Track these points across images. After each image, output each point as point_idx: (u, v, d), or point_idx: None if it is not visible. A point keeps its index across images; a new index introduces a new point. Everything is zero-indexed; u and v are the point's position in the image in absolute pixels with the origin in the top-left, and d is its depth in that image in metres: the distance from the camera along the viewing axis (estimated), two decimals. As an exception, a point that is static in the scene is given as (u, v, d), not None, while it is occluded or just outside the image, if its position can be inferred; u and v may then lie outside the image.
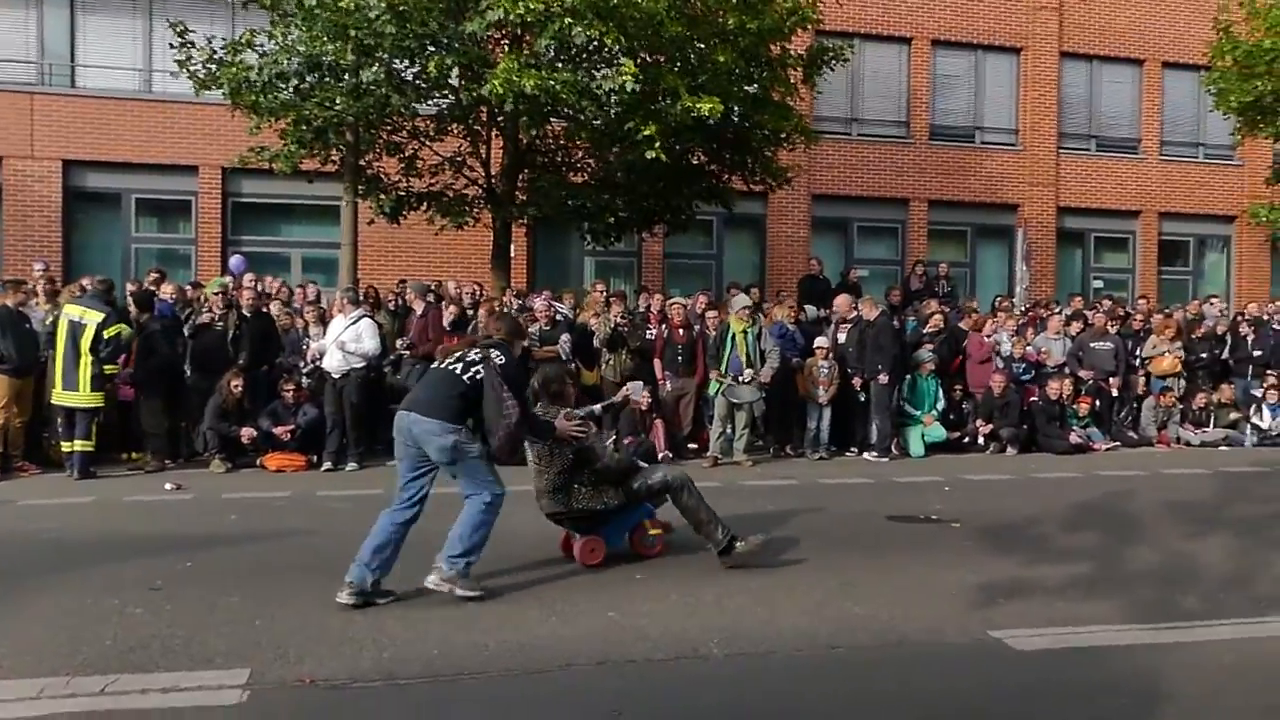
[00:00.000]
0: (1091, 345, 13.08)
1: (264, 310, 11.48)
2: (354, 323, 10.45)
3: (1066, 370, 12.85)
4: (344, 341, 10.33)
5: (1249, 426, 13.24)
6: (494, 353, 5.75)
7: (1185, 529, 7.80)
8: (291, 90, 11.97)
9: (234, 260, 14.34)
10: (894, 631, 5.14)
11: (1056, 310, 14.37)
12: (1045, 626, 5.20)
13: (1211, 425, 13.22)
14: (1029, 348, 12.79)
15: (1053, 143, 20.45)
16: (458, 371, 5.70)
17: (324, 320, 11.46)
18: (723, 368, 10.92)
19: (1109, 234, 21.27)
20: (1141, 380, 13.35)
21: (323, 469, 10.24)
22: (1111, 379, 13.00)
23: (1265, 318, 15.03)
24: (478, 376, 5.62)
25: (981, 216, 20.35)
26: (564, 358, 11.55)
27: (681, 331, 11.58)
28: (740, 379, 10.85)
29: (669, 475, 6.52)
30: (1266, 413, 13.39)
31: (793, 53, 13.74)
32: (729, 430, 11.07)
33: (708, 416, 11.46)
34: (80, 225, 16.91)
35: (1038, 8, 20.27)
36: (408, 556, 5.63)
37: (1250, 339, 14.43)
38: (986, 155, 20.24)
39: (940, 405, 12.06)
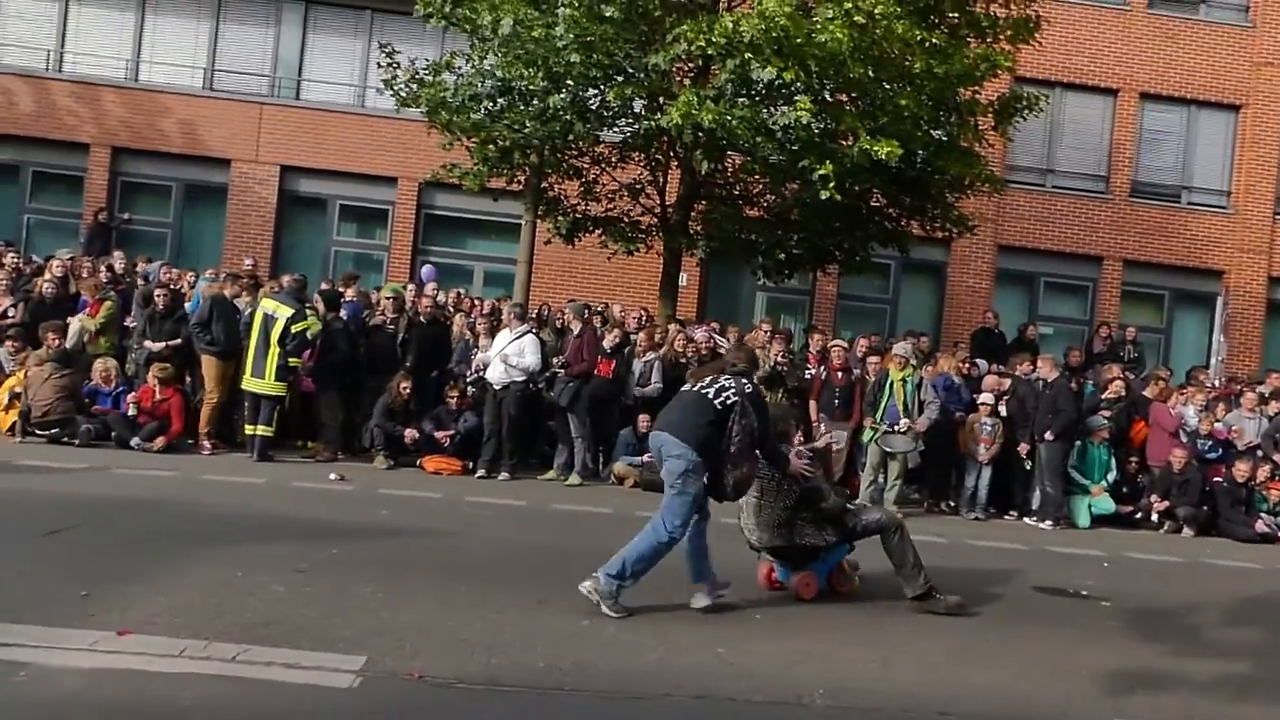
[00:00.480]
0: (1290, 429, 12.08)
1: (440, 319, 12.07)
2: (518, 337, 10.83)
3: (1260, 452, 11.89)
4: (507, 355, 10.73)
5: None
6: (743, 381, 6.06)
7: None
8: (484, 112, 12.58)
9: (425, 269, 15.16)
10: (1011, 705, 4.92)
11: (1254, 386, 13.32)
12: (1180, 721, 4.86)
13: None
14: (1218, 424, 11.92)
15: (1270, 207, 19.04)
16: (709, 396, 5.95)
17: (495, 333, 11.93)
18: (879, 415, 10.70)
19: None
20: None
21: (476, 475, 10.63)
22: (1310, 466, 11.93)
23: None
24: (728, 401, 5.88)
25: (1181, 281, 19.14)
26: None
27: (840, 374, 11.43)
28: (896, 428, 10.60)
29: (884, 517, 6.80)
30: None
31: (983, 99, 13.38)
32: (880, 479, 10.82)
33: (860, 464, 11.24)
34: (290, 225, 18.26)
35: (1261, 63, 18.99)
36: (533, 571, 5.79)
37: None
38: (1192, 216, 19.05)
39: (1112, 476, 11.41)
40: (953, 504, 11.40)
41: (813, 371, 11.80)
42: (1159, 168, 19.25)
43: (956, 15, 12.80)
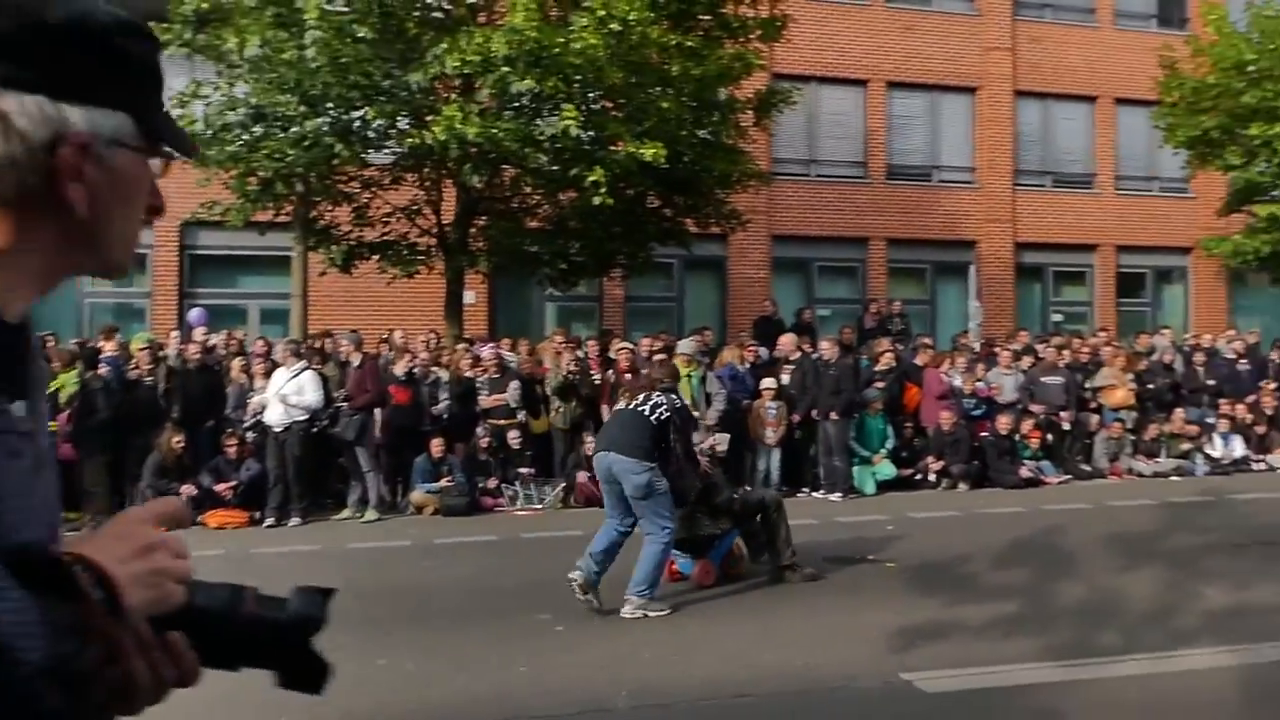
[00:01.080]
0: (1042, 379, 13.17)
1: (210, 364, 11.46)
2: (296, 375, 10.42)
3: (1018, 405, 12.91)
4: (285, 394, 10.30)
5: (1200, 456, 13.30)
6: (672, 396, 6.70)
7: (1118, 563, 7.81)
8: (239, 142, 12.03)
9: (193, 313, 14.32)
10: (805, 678, 5.12)
11: (1007, 345, 14.44)
12: (959, 668, 5.18)
13: (1164, 456, 13.27)
14: (979, 383, 12.85)
15: (1009, 180, 20.69)
16: (646, 413, 6.53)
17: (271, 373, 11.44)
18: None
19: (1067, 268, 21.48)
20: (1094, 413, 13.41)
21: (265, 525, 10.14)
22: (1063, 412, 13.07)
23: (1218, 347, 15.19)
24: (663, 416, 6.51)
25: (940, 254, 20.52)
26: (512, 406, 11.59)
27: (628, 377, 11.60)
28: (688, 422, 10.86)
29: (766, 496, 7.72)
30: (1219, 442, 13.49)
31: (742, 97, 13.90)
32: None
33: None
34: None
35: (991, 48, 20.61)
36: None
37: (1202, 369, 14.58)
38: (944, 194, 20.46)
39: (890, 444, 12.10)
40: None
41: (599, 377, 11.90)
42: (910, 150, 20.56)
43: (709, 18, 13.23)
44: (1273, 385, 14.34)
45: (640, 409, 6.59)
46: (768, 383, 11.71)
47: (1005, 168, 20.66)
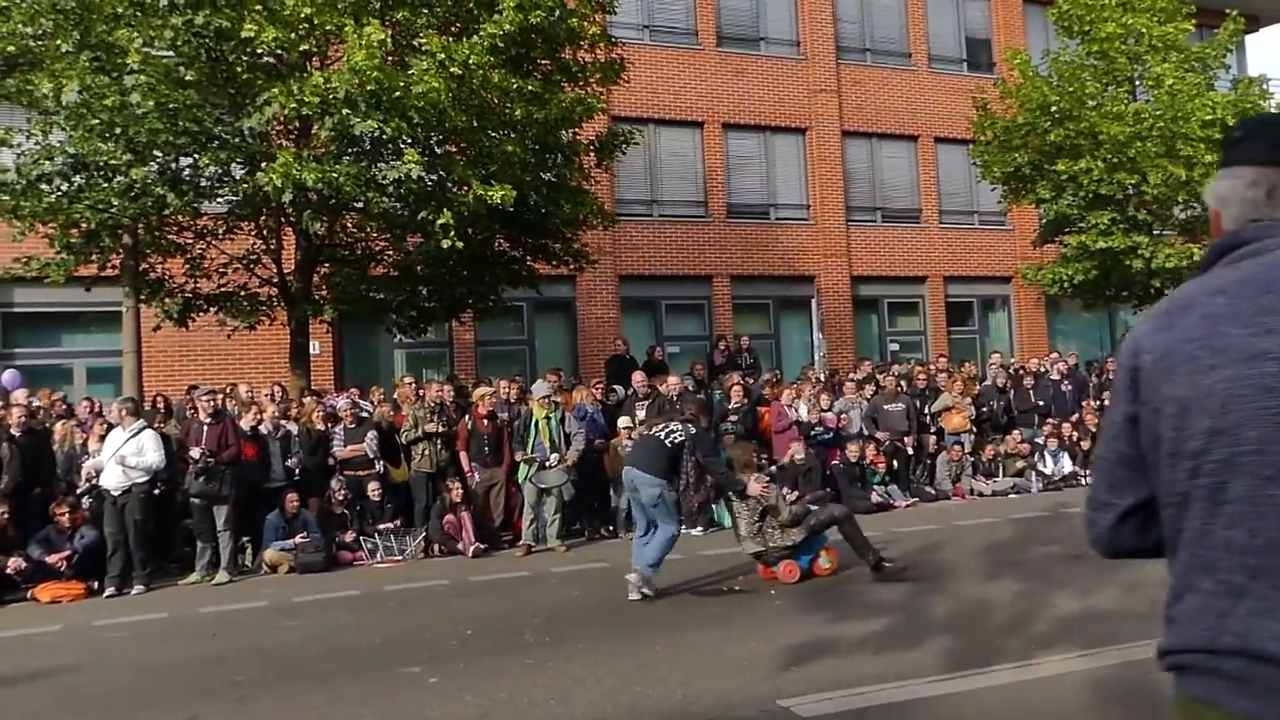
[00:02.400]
0: (884, 407, 13.72)
1: (36, 429, 10.69)
2: (135, 435, 9.83)
3: (864, 431, 13.38)
4: (124, 456, 9.69)
5: (1034, 474, 14.09)
6: (689, 426, 8.26)
7: (979, 575, 8.19)
8: (59, 193, 11.35)
9: (6, 376, 13.32)
10: (685, 711, 5.10)
11: (850, 376, 15.00)
12: (834, 690, 5.27)
13: (1001, 475, 14.00)
14: (826, 413, 13.27)
15: (842, 216, 21.59)
16: (661, 438, 8.19)
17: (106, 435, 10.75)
18: (528, 453, 10.86)
19: (900, 299, 22.52)
20: (934, 437, 14.03)
21: (105, 595, 9.46)
22: (906, 438, 13.62)
23: (1043, 370, 16.17)
24: (676, 440, 8.11)
25: (782, 289, 21.18)
26: (371, 456, 11.27)
27: (486, 422, 11.46)
28: (547, 464, 10.79)
29: (837, 511, 8.71)
30: (1049, 459, 14.32)
31: (584, 140, 14.05)
32: (542, 517, 10.95)
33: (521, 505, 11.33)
34: None
35: (817, 90, 21.55)
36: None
37: (1031, 391, 15.49)
38: (782, 230, 21.17)
39: (747, 475, 12.33)
40: (611, 527, 11.76)
41: (458, 421, 11.72)
42: (747, 189, 21.20)
43: (548, 62, 13.35)
44: (1094, 404, 15.35)
45: (659, 435, 8.28)
46: (624, 421, 11.76)
47: (837, 204, 21.55)
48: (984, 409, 14.67)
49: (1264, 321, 1.57)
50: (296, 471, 10.96)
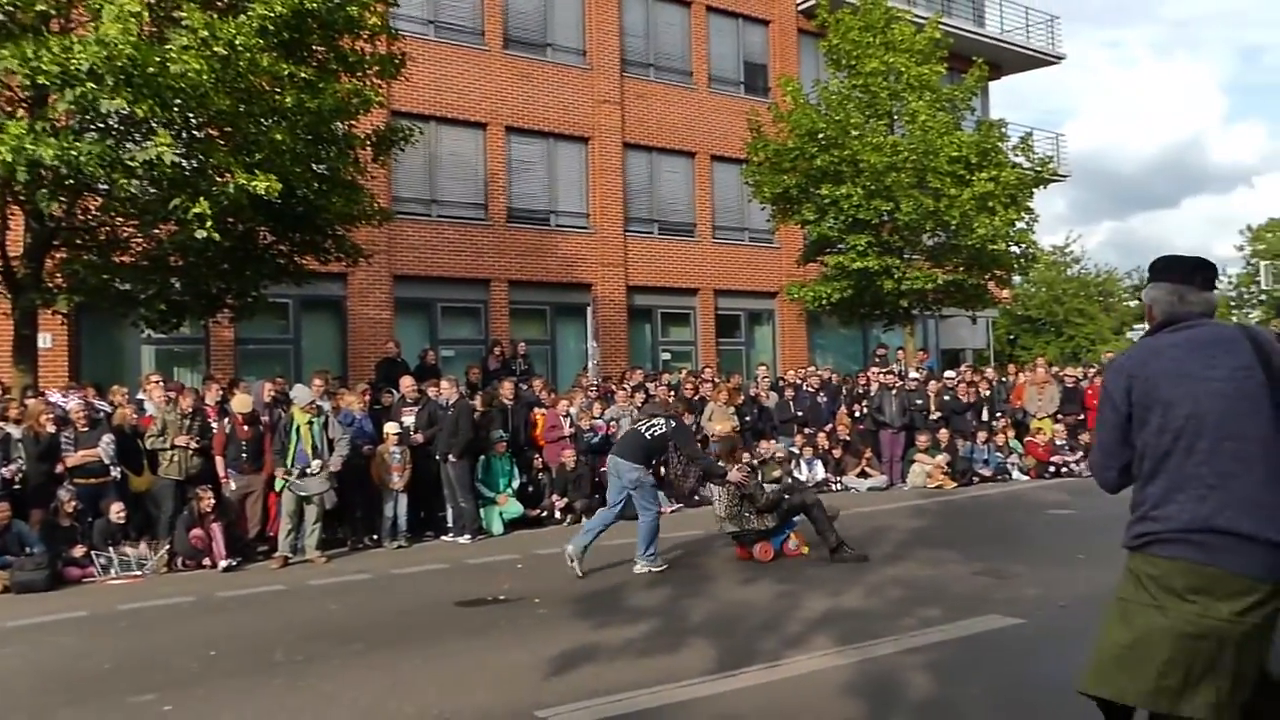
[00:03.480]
0: (655, 415, 13.96)
1: None
2: None
3: (636, 439, 13.57)
4: None
5: (790, 480, 14.73)
6: (671, 421, 9.45)
7: (740, 578, 8.46)
8: None
9: None
10: (440, 728, 4.97)
11: (623, 383, 15.21)
12: (592, 698, 5.26)
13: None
14: (597, 420, 13.38)
15: (620, 226, 21.93)
16: (642, 430, 9.37)
17: None
18: (289, 461, 10.31)
19: (673, 310, 23.11)
20: (700, 444, 14.39)
21: None
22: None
23: (800, 382, 16.98)
24: (656, 433, 9.24)
25: (559, 296, 21.26)
26: (106, 461, 10.36)
27: (246, 427, 10.81)
28: (308, 471, 10.29)
29: (806, 497, 9.64)
30: (804, 467, 15.05)
31: (360, 133, 13.55)
32: (301, 526, 10.42)
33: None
34: None
35: (601, 101, 21.80)
36: None
37: (791, 402, 16.23)
38: (562, 238, 21.25)
39: (516, 483, 12.26)
40: (375, 536, 11.37)
41: (215, 425, 10.99)
42: (529, 194, 21.15)
43: (324, 50, 12.76)
44: (846, 414, 16.27)
45: (640, 428, 9.47)
46: (391, 427, 11.41)
47: (617, 215, 21.87)
48: (747, 418, 15.23)
49: (1209, 359, 3.06)
50: (16, 480, 9.90)
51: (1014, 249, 20.27)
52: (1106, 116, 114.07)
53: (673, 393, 14.62)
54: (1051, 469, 16.15)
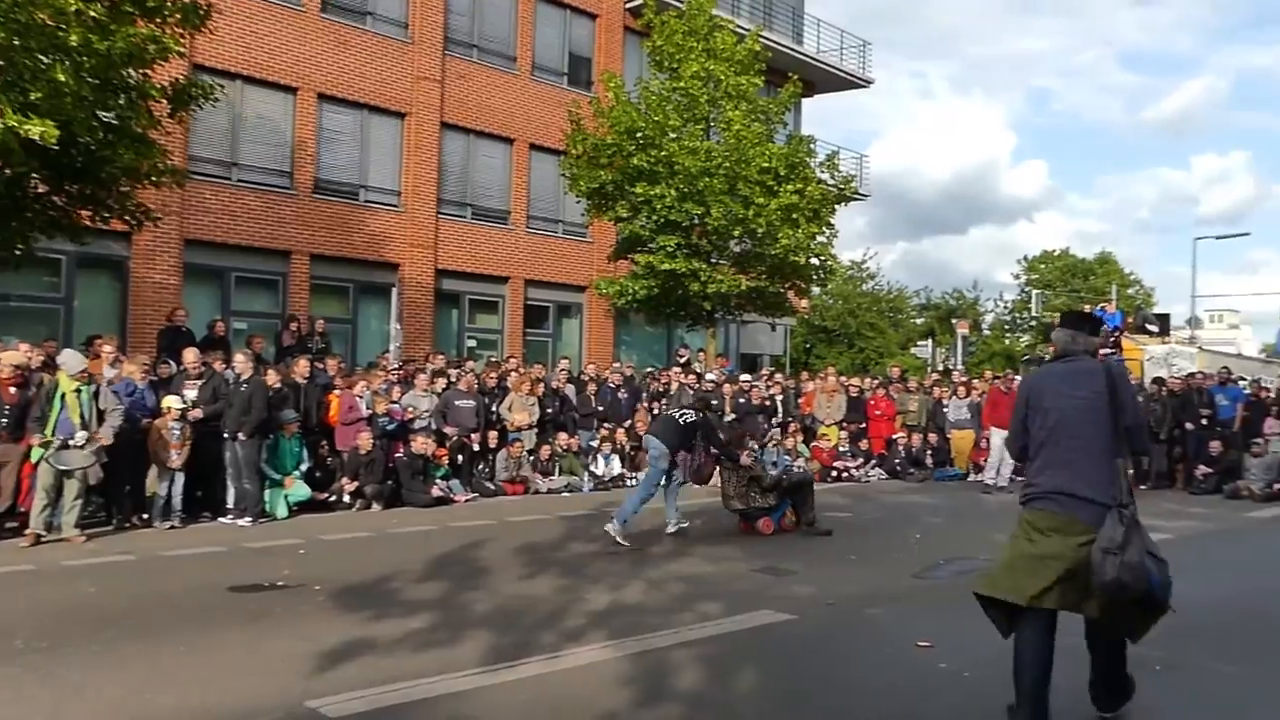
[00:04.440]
0: (455, 403, 13.80)
1: None
2: None
3: (432, 426, 13.37)
4: None
5: (587, 474, 14.90)
6: (700, 412, 10.83)
7: (522, 571, 8.44)
8: None
9: None
10: (204, 718, 4.73)
11: (424, 368, 14.94)
12: (367, 688, 5.14)
13: (557, 473, 14.64)
14: (394, 405, 13.09)
15: (433, 207, 21.50)
16: (676, 416, 10.76)
17: None
18: (49, 430, 9.52)
19: (482, 297, 22.88)
20: (494, 433, 14.28)
21: None
22: (474, 434, 13.81)
23: (603, 377, 17.15)
24: (688, 420, 10.48)
25: (364, 274, 20.65)
26: None
27: (14, 390, 9.91)
28: (71, 442, 9.55)
29: (799, 478, 11.33)
30: (602, 461, 15.22)
31: (156, 84, 12.67)
32: (59, 502, 9.65)
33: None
34: None
35: (421, 77, 21.29)
36: None
37: (593, 396, 16.37)
38: (370, 214, 20.63)
39: (305, 465, 11.83)
40: (145, 515, 10.69)
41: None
42: (339, 166, 20.42)
43: (119, -12, 11.87)
44: (646, 410, 16.54)
45: (675, 415, 10.95)
46: (171, 401, 10.75)
47: (430, 195, 21.45)
48: (548, 410, 15.27)
49: (1077, 383, 4.62)
50: None
51: (814, 261, 21.18)
52: (907, 143, 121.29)
53: (475, 379, 14.53)
54: (834, 473, 16.99)
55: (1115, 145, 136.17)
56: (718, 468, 10.90)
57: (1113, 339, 22.74)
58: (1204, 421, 16.92)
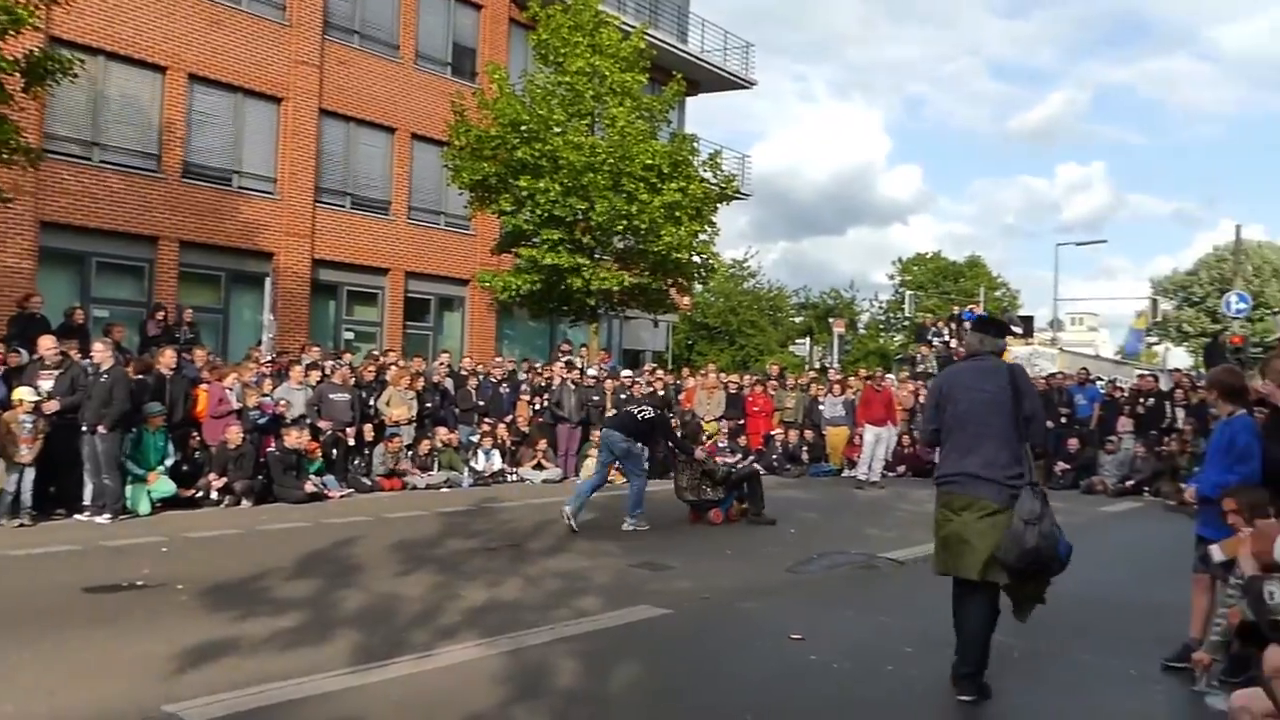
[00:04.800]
0: (330, 396, 13.46)
1: None
2: None
3: (306, 420, 13.01)
4: None
5: (466, 469, 14.73)
6: (657, 408, 11.40)
7: (396, 569, 8.28)
8: None
9: None
10: (50, 724, 4.50)
11: (298, 360, 14.53)
12: (229, 691, 4.97)
13: (435, 469, 14.43)
14: (266, 398, 12.69)
15: (310, 196, 20.92)
16: (634, 412, 11.23)
17: None
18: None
19: (361, 288, 22.38)
20: (370, 428, 13.98)
21: None
22: (349, 428, 13.50)
23: (484, 371, 17.00)
24: (645, 416, 10.94)
25: (237, 262, 19.95)
26: None
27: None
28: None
29: (747, 470, 11.99)
30: (483, 456, 15.07)
31: (7, 56, 11.98)
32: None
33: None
34: None
35: (299, 62, 20.67)
36: None
37: (474, 391, 16.20)
38: (244, 200, 19.95)
39: (170, 460, 11.36)
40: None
41: None
42: (210, 150, 19.67)
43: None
44: (527, 405, 16.48)
45: (633, 411, 11.35)
46: (24, 393, 10.17)
47: (307, 183, 20.87)
48: (428, 404, 15.05)
49: (983, 380, 5.28)
50: None
51: (696, 259, 21.40)
52: (789, 144, 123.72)
53: (352, 372, 14.22)
54: (713, 468, 17.21)
55: (985, 152, 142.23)
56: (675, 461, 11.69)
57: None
58: (1063, 420, 17.76)
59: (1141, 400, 17.87)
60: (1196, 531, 5.85)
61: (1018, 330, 27.07)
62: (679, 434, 12.09)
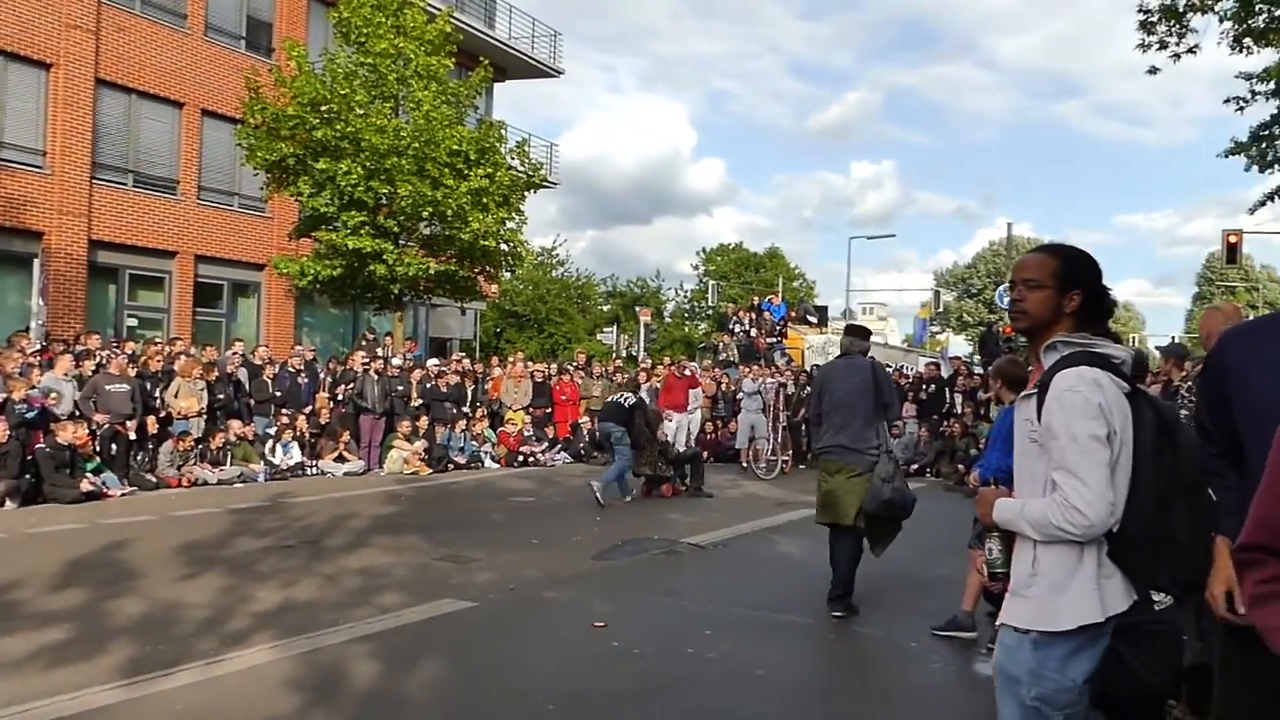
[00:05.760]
0: (106, 387, 12.55)
1: None
2: None
3: (79, 413, 12.09)
4: None
5: (262, 463, 14.10)
6: (637, 395, 13.75)
7: (178, 573, 7.80)
8: None
9: None
10: None
11: (71, 349, 13.49)
12: (-9, 711, 4.58)
13: (229, 463, 13.73)
14: (33, 390, 11.72)
15: (86, 171, 19.43)
16: (620, 400, 13.03)
17: None
18: None
19: (145, 272, 20.99)
20: (153, 420, 13.14)
21: None
22: (129, 421, 12.64)
23: (280, 361, 16.29)
24: (629, 404, 12.87)
25: (1, 243, 18.29)
26: None
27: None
28: None
29: (688, 450, 14.43)
30: (280, 449, 14.46)
31: None
32: None
33: None
34: None
35: (71, 25, 19.13)
36: None
37: (270, 381, 15.50)
38: (7, 175, 18.30)
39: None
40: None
41: None
42: (-33, 119, 17.93)
43: None
44: (327, 397, 15.93)
45: (617, 399, 13.06)
46: None
47: (82, 158, 19.39)
48: (220, 395, 14.30)
49: (851, 373, 7.06)
50: None
51: (504, 246, 21.22)
52: (597, 134, 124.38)
53: (132, 361, 13.31)
54: (520, 458, 17.18)
55: (785, 147, 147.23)
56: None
57: (779, 329, 24.67)
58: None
59: (924, 387, 19.01)
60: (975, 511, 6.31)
61: (813, 320, 28.24)
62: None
